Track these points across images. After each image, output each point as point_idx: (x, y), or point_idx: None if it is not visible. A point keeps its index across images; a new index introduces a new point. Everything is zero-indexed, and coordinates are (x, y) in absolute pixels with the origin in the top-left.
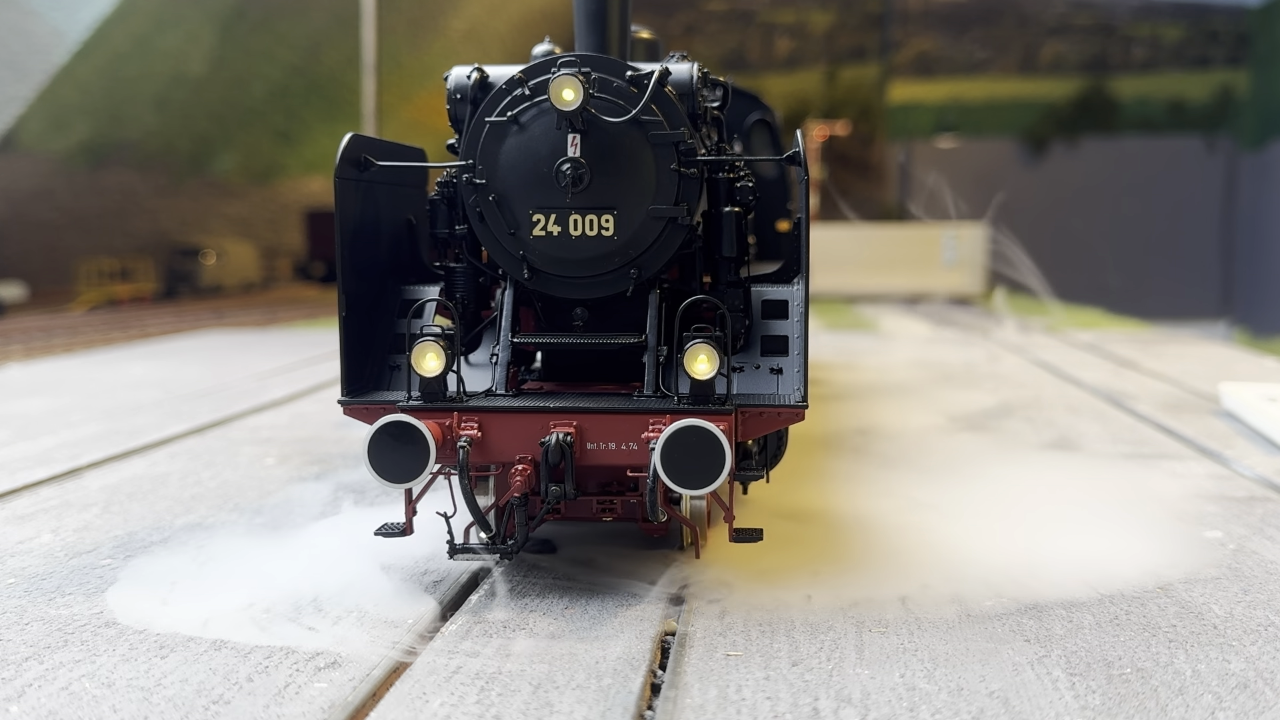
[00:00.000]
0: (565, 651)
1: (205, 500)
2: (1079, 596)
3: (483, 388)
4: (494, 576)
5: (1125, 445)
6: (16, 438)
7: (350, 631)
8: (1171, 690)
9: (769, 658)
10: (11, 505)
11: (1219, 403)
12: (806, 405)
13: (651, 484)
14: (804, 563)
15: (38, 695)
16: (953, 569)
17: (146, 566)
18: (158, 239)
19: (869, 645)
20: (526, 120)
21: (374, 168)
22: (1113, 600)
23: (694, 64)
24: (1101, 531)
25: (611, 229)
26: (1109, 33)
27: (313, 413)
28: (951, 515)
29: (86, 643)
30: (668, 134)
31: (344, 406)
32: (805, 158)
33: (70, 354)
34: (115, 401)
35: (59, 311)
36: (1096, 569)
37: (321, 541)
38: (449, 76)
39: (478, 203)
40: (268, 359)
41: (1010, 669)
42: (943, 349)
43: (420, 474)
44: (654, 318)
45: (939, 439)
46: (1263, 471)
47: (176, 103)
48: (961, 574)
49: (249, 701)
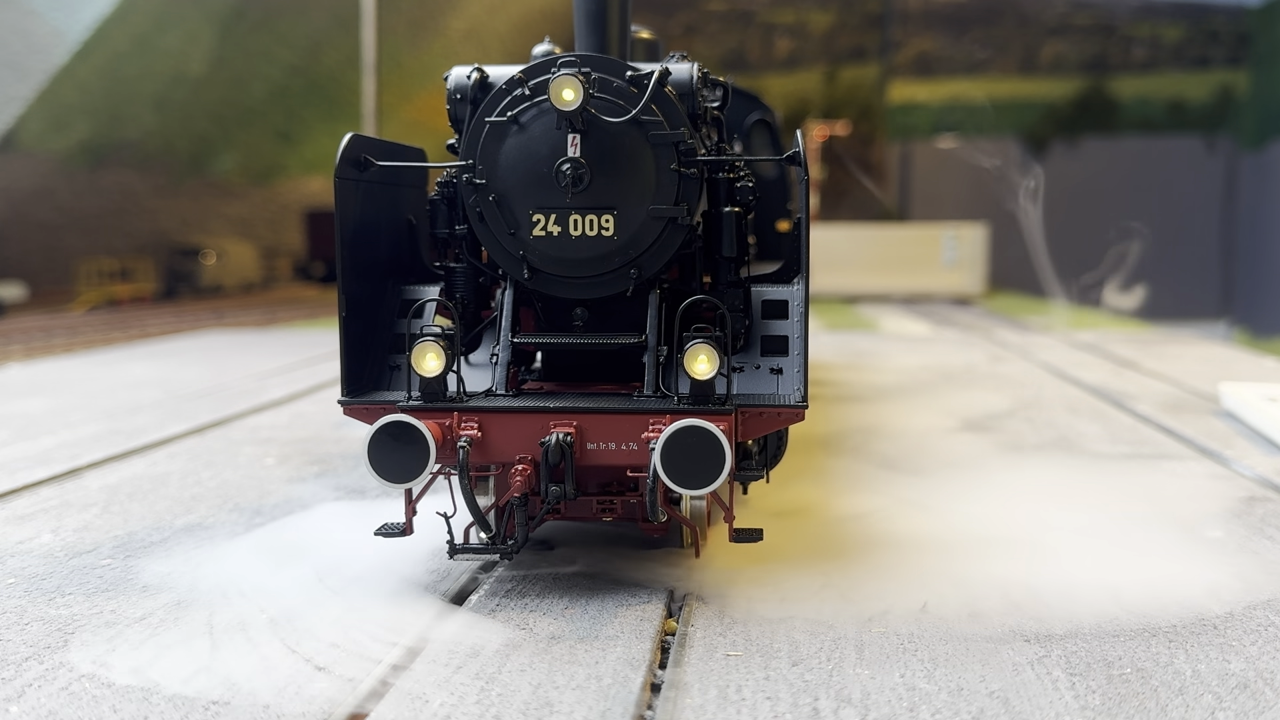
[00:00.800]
0: (565, 651)
1: (205, 500)
2: (1078, 595)
3: (483, 388)
4: (494, 577)
5: (1125, 445)
6: (16, 438)
7: (350, 631)
8: (1171, 690)
9: (769, 658)
10: (11, 505)
11: (1219, 403)
12: (806, 405)
13: (651, 484)
14: (804, 563)
15: (37, 695)
16: (952, 568)
17: (147, 566)
18: (157, 239)
19: (869, 645)
20: (526, 120)
21: (374, 168)
22: (1113, 600)
23: (694, 64)
24: (1103, 533)
25: (611, 229)
26: (1109, 33)
27: (312, 413)
28: (948, 514)
29: (86, 643)
30: (668, 134)
31: (344, 406)
32: (805, 158)
33: (70, 354)
34: (115, 401)
35: (59, 311)
36: (1097, 568)
37: (321, 542)
38: (449, 76)
39: (477, 203)
40: (267, 359)
41: (1010, 669)
42: (943, 349)
43: (420, 474)
44: (654, 318)
45: (940, 439)
46: (1263, 471)
47: (176, 103)
48: (963, 576)
49: (248, 701)
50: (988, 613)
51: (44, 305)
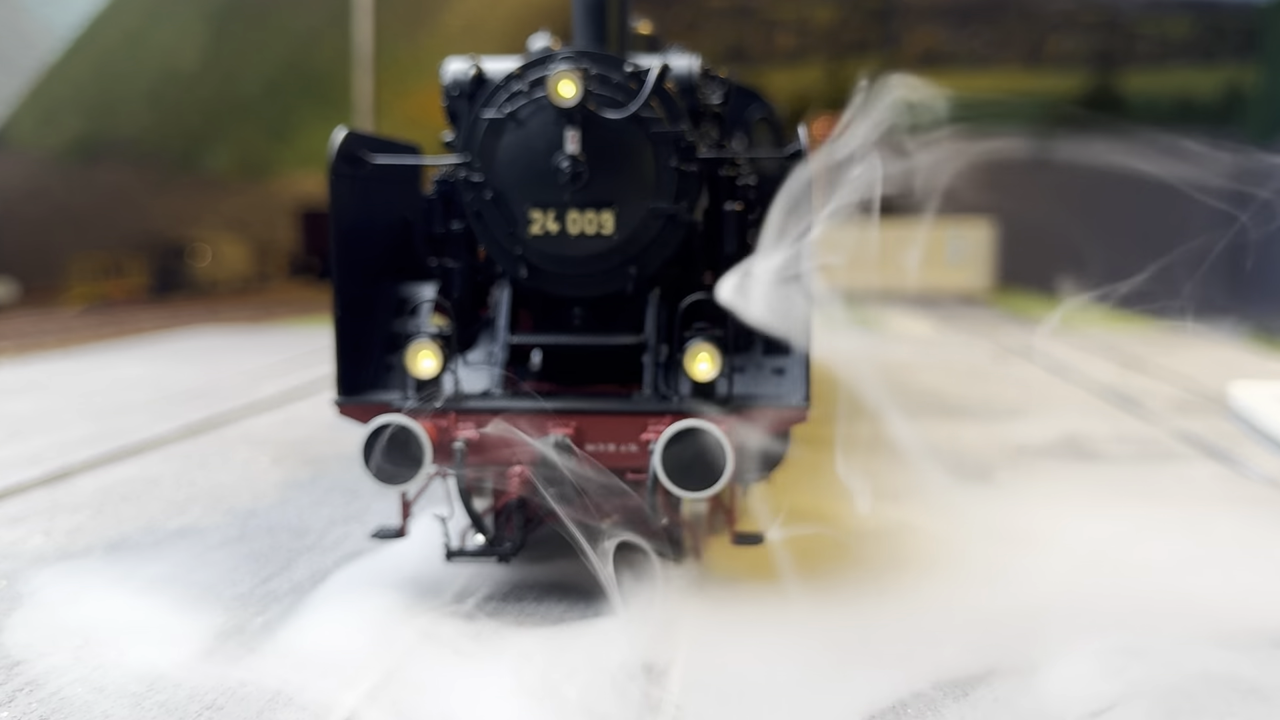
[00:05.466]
0: (564, 651)
1: (198, 502)
2: (1077, 594)
3: (480, 388)
4: (491, 579)
5: (1133, 445)
6: (8, 438)
7: (347, 634)
8: (1180, 694)
9: (769, 658)
10: (2, 507)
11: (1228, 403)
12: (809, 406)
13: (651, 487)
14: (805, 563)
15: (27, 701)
16: (949, 567)
17: (138, 570)
18: (150, 236)
19: (870, 645)
20: (524, 116)
21: (369, 164)
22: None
23: (694, 59)
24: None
25: (610, 226)
26: (1115, 28)
27: (307, 413)
28: (945, 514)
29: (79, 648)
30: (667, 130)
31: (339, 407)
32: (808, 154)
33: (62, 352)
34: (108, 401)
35: (51, 309)
36: (1096, 572)
37: (316, 545)
38: (444, 71)
39: (475, 200)
40: (260, 356)
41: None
42: (945, 349)
43: (416, 476)
44: (654, 317)
45: (940, 440)
46: (1271, 471)
47: (169, 98)
48: (960, 573)
49: (241, 707)
50: (983, 604)
51: (36, 303)
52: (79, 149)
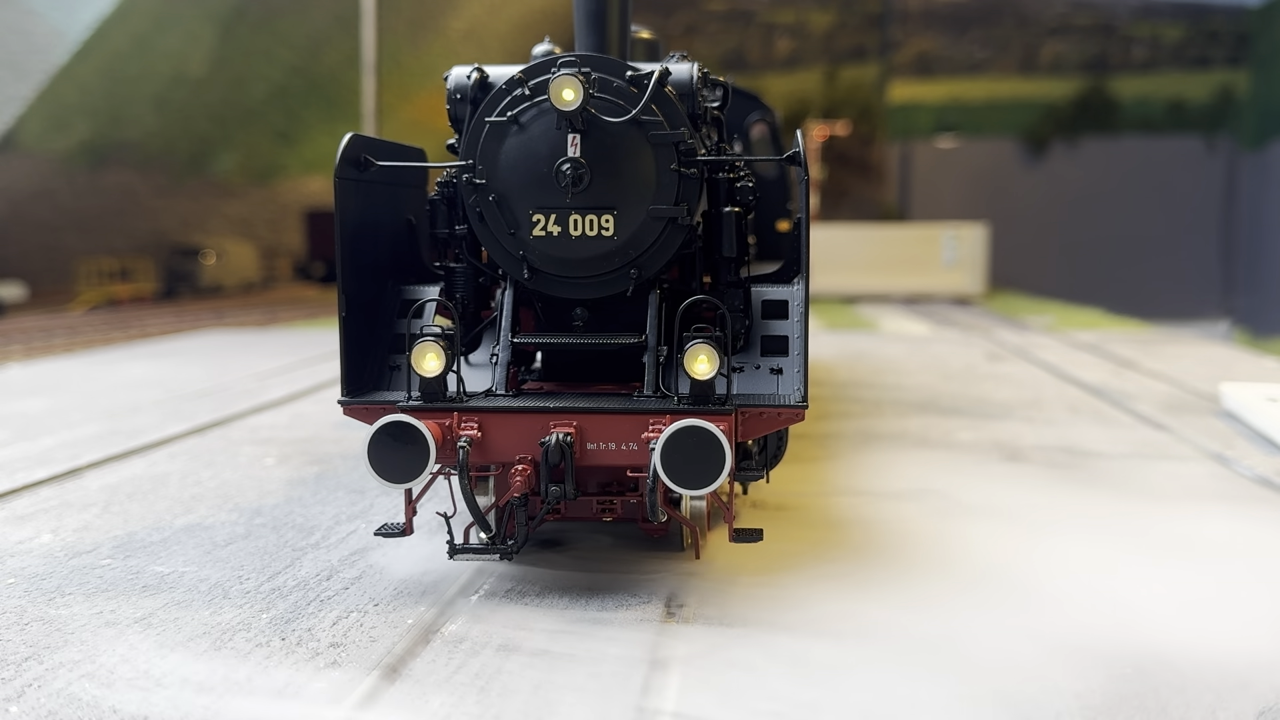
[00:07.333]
0: (565, 651)
1: (205, 500)
2: (1076, 594)
3: (483, 388)
4: (494, 576)
5: (1126, 445)
6: (16, 438)
7: (350, 632)
8: (1172, 689)
9: (770, 657)
10: (11, 505)
11: (1219, 403)
12: (807, 405)
13: (651, 484)
14: (805, 563)
15: (37, 695)
16: (948, 565)
17: (148, 566)
18: (158, 239)
19: (870, 645)
20: (526, 120)
21: (374, 168)
22: (1108, 597)
23: (694, 64)
24: (1100, 536)
25: (611, 229)
26: (1109, 33)
27: (312, 413)
28: (943, 512)
29: (86, 643)
30: (668, 134)
31: (344, 407)
32: (805, 157)
33: (70, 354)
34: (115, 401)
35: (59, 311)
36: (1095, 570)
37: (322, 543)
38: (449, 76)
39: (478, 203)
40: (268, 359)
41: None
42: (943, 348)
43: (420, 474)
44: (654, 318)
45: (939, 438)
46: (1263, 472)
47: (176, 103)
48: (956, 569)
49: (248, 702)
50: (983, 604)
51: (44, 305)
52: (87, 153)
